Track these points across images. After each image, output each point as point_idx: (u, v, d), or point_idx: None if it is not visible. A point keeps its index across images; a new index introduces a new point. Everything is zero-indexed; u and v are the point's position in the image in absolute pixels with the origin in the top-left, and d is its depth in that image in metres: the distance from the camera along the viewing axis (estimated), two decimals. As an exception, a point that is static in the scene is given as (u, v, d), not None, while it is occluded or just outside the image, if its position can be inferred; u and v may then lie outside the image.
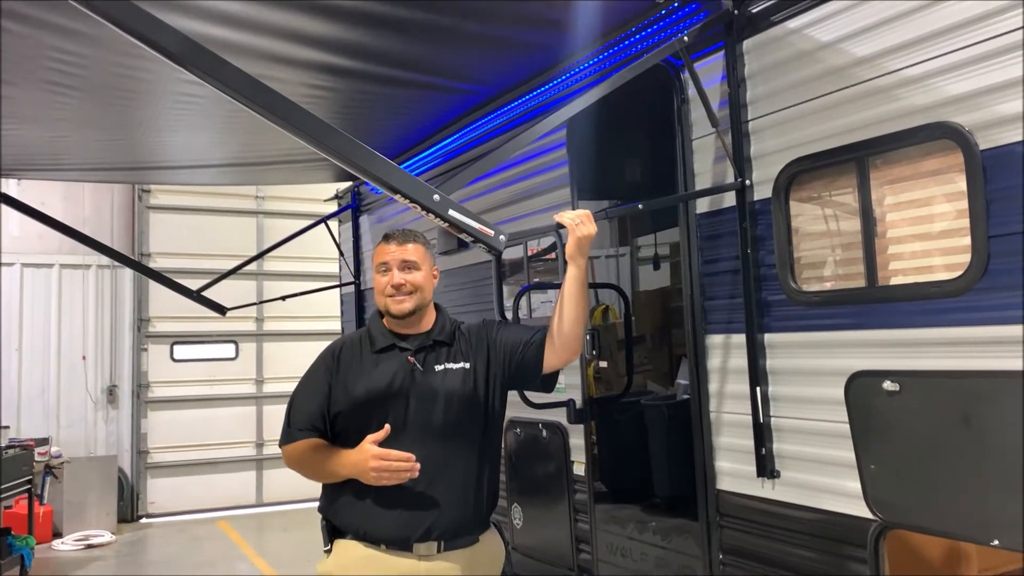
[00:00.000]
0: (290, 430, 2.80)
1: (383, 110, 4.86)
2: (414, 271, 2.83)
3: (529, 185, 4.56)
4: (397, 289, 2.81)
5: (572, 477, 4.19)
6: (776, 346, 3.07)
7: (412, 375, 2.77)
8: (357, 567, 2.70)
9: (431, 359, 2.82)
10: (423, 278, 2.85)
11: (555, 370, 2.90)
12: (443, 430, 2.73)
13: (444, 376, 2.79)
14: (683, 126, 3.50)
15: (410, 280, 2.82)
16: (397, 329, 2.86)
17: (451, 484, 2.71)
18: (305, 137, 2.22)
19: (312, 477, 2.80)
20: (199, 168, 6.44)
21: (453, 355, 2.85)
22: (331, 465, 2.69)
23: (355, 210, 7.09)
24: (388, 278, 2.83)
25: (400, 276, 2.82)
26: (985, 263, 2.37)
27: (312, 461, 2.75)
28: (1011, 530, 2.32)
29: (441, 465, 2.71)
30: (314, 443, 2.75)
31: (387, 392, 2.74)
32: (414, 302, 2.82)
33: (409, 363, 2.79)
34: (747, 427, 3.13)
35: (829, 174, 2.93)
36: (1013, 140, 2.33)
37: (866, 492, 2.67)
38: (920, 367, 2.55)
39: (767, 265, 3.09)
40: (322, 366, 2.85)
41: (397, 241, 2.87)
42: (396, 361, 2.80)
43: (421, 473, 2.62)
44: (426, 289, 2.86)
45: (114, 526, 9.51)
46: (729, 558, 3.25)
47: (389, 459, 2.57)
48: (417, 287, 2.83)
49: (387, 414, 2.71)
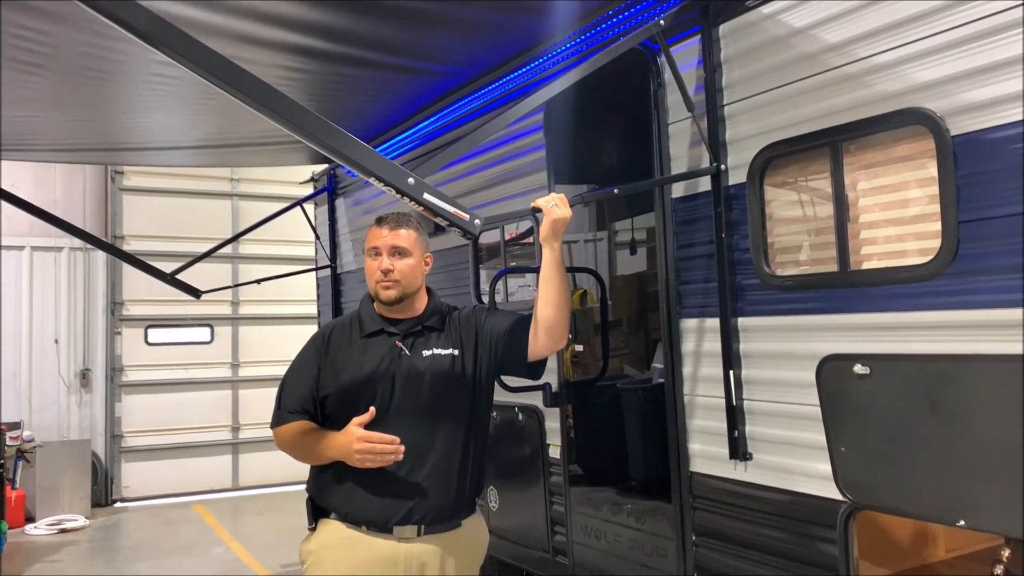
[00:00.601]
0: (280, 412, 2.79)
1: (358, 92, 4.83)
2: (405, 257, 2.82)
3: (506, 169, 4.55)
4: (385, 275, 2.79)
5: (548, 460, 4.22)
6: (749, 330, 3.10)
7: (399, 360, 2.77)
8: (338, 547, 2.71)
9: (419, 344, 2.82)
10: (413, 265, 2.83)
11: (541, 358, 2.86)
12: (428, 415, 2.74)
13: (431, 361, 2.79)
14: (659, 110, 3.50)
15: (399, 267, 2.80)
16: (387, 313, 2.86)
17: (434, 468, 2.71)
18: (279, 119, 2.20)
19: (302, 459, 2.81)
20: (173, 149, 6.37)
21: (442, 341, 2.84)
22: (319, 448, 2.70)
23: (331, 193, 7.05)
24: (378, 263, 2.81)
25: (389, 262, 2.80)
26: (955, 248, 2.40)
27: (302, 443, 2.75)
28: (977, 511, 2.36)
29: (425, 449, 2.72)
30: (304, 426, 2.75)
31: (374, 376, 2.74)
32: (401, 289, 2.81)
33: (397, 348, 2.79)
34: (720, 410, 3.16)
35: (803, 159, 2.95)
36: (984, 126, 2.35)
37: (836, 474, 2.71)
38: (890, 351, 2.58)
39: (741, 249, 3.11)
40: (312, 349, 2.85)
41: (390, 226, 2.84)
42: (384, 345, 2.80)
43: (405, 457, 2.63)
44: (416, 276, 2.85)
45: (88, 510, 9.44)
46: (702, 539, 3.29)
47: (373, 441, 2.58)
48: (406, 274, 2.81)
49: (373, 398, 2.71)
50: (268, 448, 11.24)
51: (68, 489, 9.36)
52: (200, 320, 10.93)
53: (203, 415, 10.85)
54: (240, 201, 11.27)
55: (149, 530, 8.94)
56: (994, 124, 2.32)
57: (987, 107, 2.34)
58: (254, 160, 7.85)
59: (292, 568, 6.81)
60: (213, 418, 10.94)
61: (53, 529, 8.81)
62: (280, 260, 10.05)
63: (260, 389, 10.73)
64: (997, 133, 2.32)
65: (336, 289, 6.97)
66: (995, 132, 2.32)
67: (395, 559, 2.68)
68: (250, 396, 10.96)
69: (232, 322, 11.18)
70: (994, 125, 2.32)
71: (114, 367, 10.46)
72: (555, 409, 4.14)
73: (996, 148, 2.32)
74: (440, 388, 2.77)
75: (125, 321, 10.56)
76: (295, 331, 10.27)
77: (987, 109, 2.34)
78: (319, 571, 2.74)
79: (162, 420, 10.60)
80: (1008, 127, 2.29)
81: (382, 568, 2.67)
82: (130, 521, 9.50)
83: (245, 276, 10.20)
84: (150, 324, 10.67)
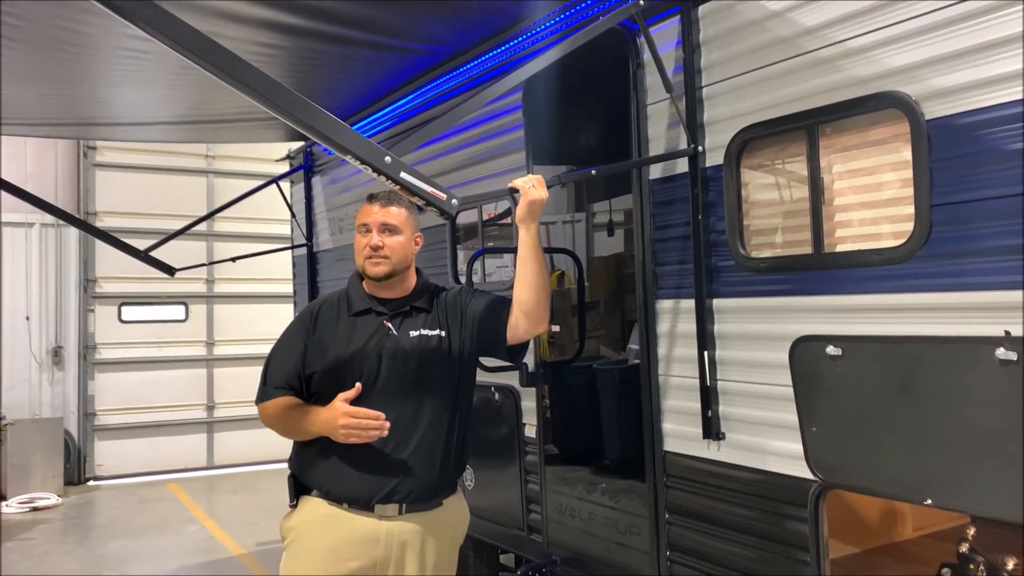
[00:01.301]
0: (266, 388, 2.79)
1: (335, 69, 4.78)
2: (394, 235, 2.81)
3: (484, 148, 4.54)
4: (375, 251, 2.79)
5: (523, 439, 4.24)
6: (724, 311, 3.13)
7: (386, 339, 2.77)
8: (319, 524, 2.72)
9: (407, 324, 2.82)
10: (403, 242, 2.82)
11: (522, 341, 2.86)
12: (413, 394, 2.75)
13: (418, 341, 2.79)
14: (638, 91, 3.50)
15: (389, 243, 2.79)
16: (375, 292, 2.85)
17: (418, 448, 2.72)
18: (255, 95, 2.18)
19: (286, 434, 2.80)
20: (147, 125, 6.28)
21: (430, 322, 2.85)
22: (303, 423, 2.70)
23: (307, 171, 6.98)
24: (367, 239, 2.81)
25: (379, 239, 2.79)
26: (927, 231, 2.43)
27: (286, 419, 2.75)
28: (944, 490, 2.41)
29: (409, 429, 2.73)
30: (289, 401, 2.75)
31: (361, 354, 2.74)
32: (391, 266, 2.80)
33: (384, 327, 2.79)
34: (694, 390, 3.19)
35: (780, 142, 2.96)
36: (958, 111, 2.37)
37: (807, 453, 2.74)
38: (862, 332, 2.61)
39: (717, 231, 3.13)
40: (299, 326, 2.85)
41: (381, 203, 2.83)
42: (372, 324, 2.80)
43: (388, 435, 2.64)
44: (405, 254, 2.84)
45: (60, 488, 9.39)
46: (675, 517, 3.33)
47: (358, 416, 2.58)
48: (395, 251, 2.80)
49: (360, 376, 2.72)
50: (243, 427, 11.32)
51: (40, 467, 9.30)
52: (175, 298, 10.85)
53: (177, 394, 10.80)
54: (215, 178, 11.18)
55: (123, 508, 8.90)
56: (968, 109, 2.34)
57: (962, 92, 2.36)
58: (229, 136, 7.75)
59: (267, 546, 6.82)
60: (187, 397, 10.89)
61: (25, 507, 8.75)
62: (256, 238, 9.99)
63: (235, 368, 10.69)
64: (971, 118, 2.34)
65: (312, 268, 6.93)
66: (969, 117, 2.34)
67: (376, 537, 2.69)
68: (225, 375, 10.91)
69: (207, 300, 11.11)
70: (968, 110, 2.34)
71: (87, 345, 10.36)
72: (531, 389, 4.15)
73: (970, 132, 2.34)
74: (426, 368, 2.78)
75: (98, 298, 10.46)
76: (271, 310, 10.24)
77: (962, 94, 2.36)
78: (300, 548, 2.74)
79: (136, 398, 10.54)
80: (982, 112, 2.31)
81: (363, 546, 2.68)
82: (103, 499, 9.45)
83: (220, 254, 10.12)
84: (124, 301, 10.58)
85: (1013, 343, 2.18)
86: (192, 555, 7.02)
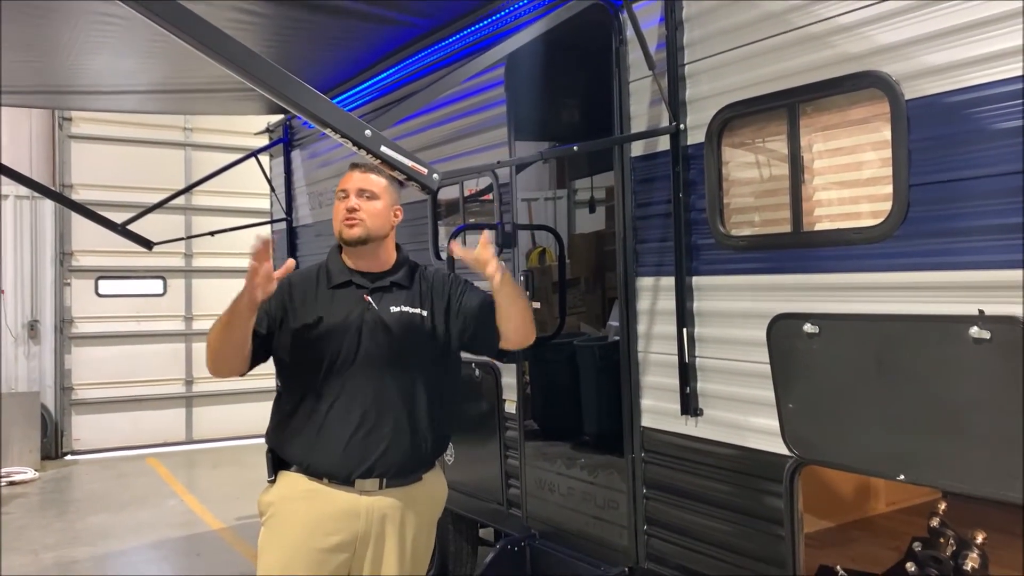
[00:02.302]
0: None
1: (315, 40, 4.72)
2: (372, 200, 2.78)
3: (466, 124, 4.51)
4: (350, 212, 2.76)
5: (503, 415, 4.25)
6: (703, 289, 3.14)
7: (366, 313, 2.75)
8: (298, 499, 2.71)
9: (387, 299, 2.80)
10: (380, 210, 2.79)
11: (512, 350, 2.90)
12: (393, 370, 2.73)
13: (399, 317, 2.78)
14: (620, 68, 3.49)
15: (366, 208, 2.76)
16: (355, 265, 2.83)
17: (398, 423, 2.72)
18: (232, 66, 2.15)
19: (218, 340, 2.63)
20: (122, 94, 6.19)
21: (411, 299, 2.83)
22: (229, 308, 2.55)
23: (287, 144, 6.92)
24: (345, 203, 2.78)
25: (356, 202, 2.76)
26: (905, 210, 2.45)
27: (221, 316, 2.60)
28: (917, 466, 2.44)
29: (389, 404, 2.72)
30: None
31: (341, 327, 2.72)
32: (365, 229, 2.76)
33: (364, 301, 2.77)
34: (673, 367, 3.21)
35: (761, 120, 2.97)
36: (938, 91, 2.38)
37: (784, 430, 2.77)
38: (839, 310, 2.64)
39: (698, 209, 3.14)
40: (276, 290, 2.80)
41: (361, 169, 2.81)
42: (352, 297, 2.78)
43: (369, 410, 2.65)
44: (382, 222, 2.80)
45: (37, 463, 9.34)
46: (652, 492, 3.36)
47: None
48: (371, 216, 2.77)
49: (339, 350, 2.70)
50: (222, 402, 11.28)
51: (17, 442, 9.24)
52: (152, 272, 10.76)
53: (156, 368, 10.74)
54: (193, 151, 11.06)
55: (101, 483, 8.87)
56: (948, 89, 2.35)
57: (942, 72, 2.37)
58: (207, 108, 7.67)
59: (247, 521, 6.83)
60: (166, 371, 10.83)
61: (2, 482, 8.69)
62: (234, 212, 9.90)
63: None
64: (951, 98, 2.35)
65: (292, 243, 6.88)
66: (949, 97, 2.35)
67: (356, 511, 2.69)
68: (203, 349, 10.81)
69: (185, 275, 11.03)
70: (948, 90, 2.35)
71: (63, 318, 10.26)
72: (512, 365, 4.17)
73: (949, 113, 2.35)
74: (406, 345, 2.76)
75: (75, 272, 10.35)
76: (251, 285, 10.16)
77: (942, 74, 2.37)
78: (279, 523, 2.73)
79: (114, 373, 10.47)
80: (962, 92, 2.32)
81: (343, 520, 2.68)
82: (81, 474, 9.41)
83: (198, 228, 10.04)
84: (101, 275, 10.48)
85: (987, 322, 2.21)
86: (171, 529, 7.02)
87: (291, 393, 2.78)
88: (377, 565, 2.73)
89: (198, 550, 6.46)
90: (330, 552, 2.67)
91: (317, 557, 2.66)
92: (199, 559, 6.25)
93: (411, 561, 2.81)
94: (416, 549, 2.83)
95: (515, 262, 4.17)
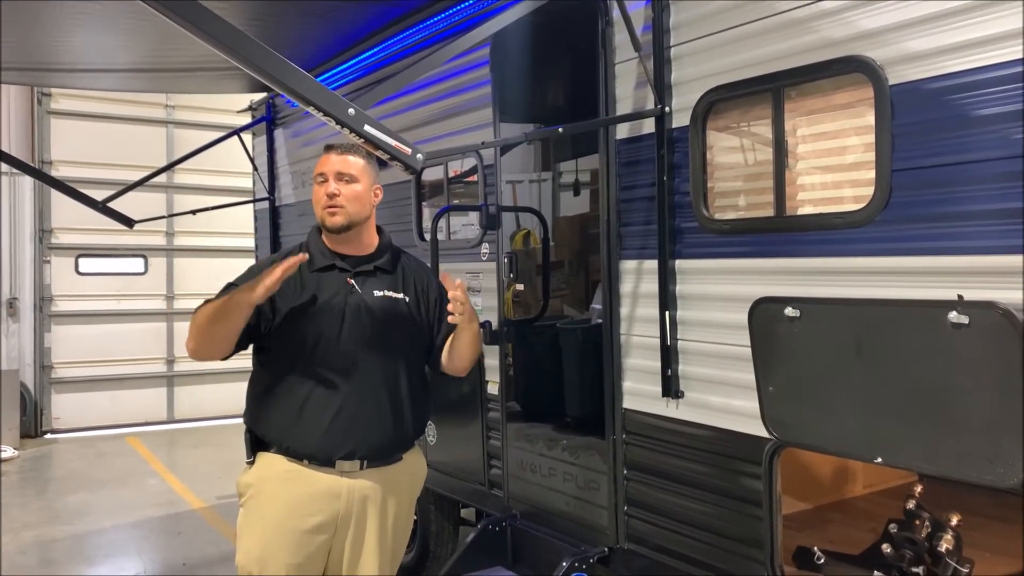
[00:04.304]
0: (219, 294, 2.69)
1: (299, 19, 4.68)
2: (352, 184, 2.76)
3: (451, 104, 4.49)
4: (331, 198, 2.74)
5: (486, 396, 4.26)
6: (686, 272, 3.15)
7: (350, 296, 2.75)
8: (279, 480, 2.71)
9: (370, 283, 2.80)
10: (360, 192, 2.77)
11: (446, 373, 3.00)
12: (375, 353, 2.74)
13: (382, 301, 2.79)
14: (606, 49, 3.48)
15: (346, 192, 2.75)
16: (337, 248, 2.82)
17: (380, 405, 2.72)
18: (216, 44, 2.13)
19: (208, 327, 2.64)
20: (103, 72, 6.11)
21: (393, 284, 2.84)
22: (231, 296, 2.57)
23: (270, 123, 6.86)
24: (324, 188, 2.76)
25: (336, 187, 2.74)
26: (887, 196, 2.46)
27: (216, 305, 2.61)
28: (894, 449, 2.47)
29: (371, 386, 2.73)
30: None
31: (325, 310, 2.72)
32: (347, 216, 2.75)
33: (348, 284, 2.77)
34: (655, 350, 3.22)
35: (745, 104, 2.97)
36: (921, 76, 2.39)
37: (763, 412, 2.80)
38: (820, 295, 2.65)
39: (682, 193, 3.14)
40: (257, 267, 2.79)
41: (338, 152, 2.78)
42: (336, 281, 2.77)
43: (351, 392, 2.65)
44: (363, 204, 2.80)
45: (17, 441, 9.27)
46: (633, 473, 3.39)
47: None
48: (352, 200, 2.75)
49: (321, 332, 2.70)
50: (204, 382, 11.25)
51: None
52: (134, 251, 10.68)
53: (137, 347, 10.69)
54: (175, 129, 10.96)
55: (81, 461, 8.84)
56: (932, 75, 2.36)
57: (926, 58, 2.38)
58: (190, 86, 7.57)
59: (228, 500, 6.82)
60: (147, 350, 10.78)
61: (-19, 460, 8.65)
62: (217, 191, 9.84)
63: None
64: (934, 84, 2.36)
65: (274, 222, 6.84)
66: (932, 83, 2.36)
67: (337, 492, 2.70)
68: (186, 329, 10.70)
69: (167, 253, 10.96)
70: (932, 76, 2.36)
71: (43, 296, 10.18)
72: (494, 347, 4.17)
73: (933, 99, 2.36)
74: (389, 328, 2.77)
75: (54, 249, 10.26)
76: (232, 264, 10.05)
77: (926, 60, 2.38)
78: (259, 504, 2.73)
79: (94, 351, 10.41)
80: (945, 78, 2.33)
81: (324, 501, 2.69)
82: (61, 452, 9.37)
83: (180, 207, 9.97)
84: (81, 253, 10.40)
85: (966, 307, 2.23)
86: (152, 508, 7.01)
87: (272, 374, 2.77)
88: (358, 545, 2.74)
89: (179, 529, 6.46)
90: (311, 533, 2.68)
91: (298, 538, 2.67)
92: (180, 538, 6.25)
93: (392, 541, 2.83)
94: (397, 529, 2.84)
95: (499, 244, 4.17)
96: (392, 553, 2.84)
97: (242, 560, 2.72)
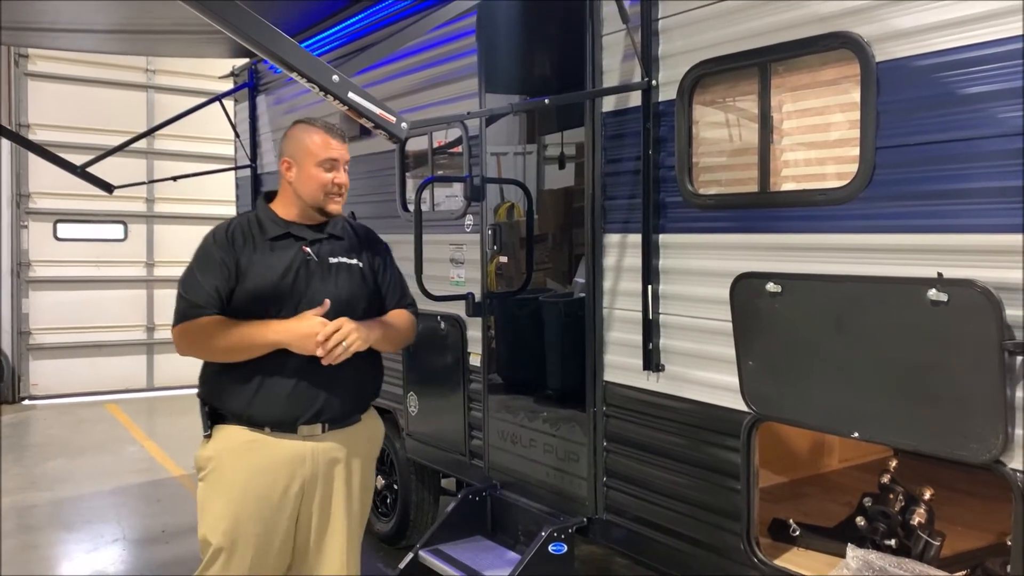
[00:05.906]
0: (190, 307, 2.68)
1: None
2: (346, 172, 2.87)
3: (436, 73, 4.44)
4: (340, 188, 2.81)
5: (468, 368, 4.28)
6: (670, 246, 3.16)
7: (307, 265, 2.76)
8: (241, 450, 2.71)
9: (325, 251, 2.82)
10: None
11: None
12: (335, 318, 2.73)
13: (338, 268, 2.82)
14: (594, 21, 3.45)
15: (347, 183, 2.86)
16: (289, 216, 2.83)
17: (341, 368, 2.71)
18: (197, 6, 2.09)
19: (215, 354, 2.70)
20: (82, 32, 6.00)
21: (347, 250, 2.88)
22: (260, 334, 2.62)
23: (252, 89, 6.78)
24: (334, 176, 2.80)
25: (344, 177, 2.83)
26: (871, 173, 2.47)
27: (220, 335, 2.64)
28: (870, 424, 2.50)
29: None
30: (219, 319, 2.67)
31: (283, 280, 2.72)
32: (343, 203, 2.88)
33: (304, 252, 2.77)
34: (636, 323, 3.24)
35: (732, 79, 2.96)
36: (908, 54, 2.39)
37: (743, 386, 2.82)
38: (802, 270, 2.67)
39: (667, 167, 3.14)
40: (215, 246, 2.75)
41: (340, 139, 2.83)
42: (292, 250, 2.77)
43: (311, 357, 2.63)
44: None
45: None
46: (612, 445, 3.41)
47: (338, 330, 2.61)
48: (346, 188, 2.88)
49: (283, 302, 2.70)
50: (184, 349, 11.03)
51: (-28, 386, 9.12)
52: (113, 217, 10.57)
53: (116, 314, 10.62)
54: (156, 94, 10.81)
55: (60, 428, 8.80)
56: (918, 52, 2.37)
57: (912, 35, 2.38)
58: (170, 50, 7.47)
59: (208, 468, 6.81)
60: (126, 317, 10.71)
61: (-43, 426, 8.60)
62: (198, 158, 9.75)
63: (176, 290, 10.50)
64: (920, 61, 2.36)
65: (256, 190, 6.78)
66: (919, 60, 2.36)
67: (302, 456, 2.72)
68: (165, 296, 10.71)
69: (147, 220, 10.86)
70: (918, 53, 2.37)
71: (20, 262, 10.07)
72: (477, 319, 4.17)
73: (918, 76, 2.37)
74: (346, 293, 2.80)
75: (32, 214, 10.14)
76: (214, 232, 10.03)
77: (912, 37, 2.38)
78: (222, 476, 2.71)
79: (73, 318, 10.33)
80: (931, 56, 2.34)
81: (291, 466, 2.70)
82: (39, 419, 9.32)
83: (161, 173, 9.85)
84: (59, 219, 10.28)
85: (945, 285, 2.25)
86: (131, 475, 7.00)
87: None
88: (326, 507, 2.78)
89: (158, 496, 6.46)
90: (280, 499, 2.70)
91: (267, 505, 2.68)
92: (159, 505, 6.25)
93: (358, 502, 2.88)
94: (362, 489, 2.90)
95: (483, 216, 4.16)
96: (359, 515, 2.90)
97: (207, 534, 2.70)
